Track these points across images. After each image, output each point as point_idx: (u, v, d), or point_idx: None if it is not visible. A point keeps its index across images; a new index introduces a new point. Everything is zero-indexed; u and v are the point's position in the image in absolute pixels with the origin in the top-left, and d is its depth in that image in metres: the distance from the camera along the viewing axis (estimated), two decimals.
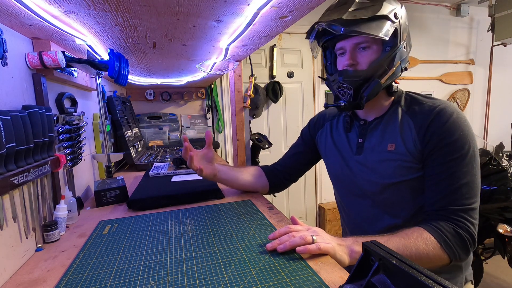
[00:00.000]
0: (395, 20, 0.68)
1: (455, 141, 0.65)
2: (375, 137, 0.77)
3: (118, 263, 0.58)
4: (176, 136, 2.24)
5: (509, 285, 2.31)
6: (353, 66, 0.71)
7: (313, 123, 0.98)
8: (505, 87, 3.28)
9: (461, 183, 0.64)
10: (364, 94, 0.70)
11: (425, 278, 0.32)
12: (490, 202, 1.83)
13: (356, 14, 0.66)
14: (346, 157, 0.82)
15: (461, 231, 0.63)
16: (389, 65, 0.70)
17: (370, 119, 0.80)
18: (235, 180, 0.95)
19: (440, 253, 0.62)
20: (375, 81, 0.69)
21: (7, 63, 0.64)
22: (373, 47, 0.70)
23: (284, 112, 2.70)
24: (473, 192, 0.65)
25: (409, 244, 0.60)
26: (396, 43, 0.69)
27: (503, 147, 2.68)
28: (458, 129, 0.65)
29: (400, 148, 0.71)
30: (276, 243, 0.59)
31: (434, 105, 0.70)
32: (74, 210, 0.81)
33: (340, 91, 0.73)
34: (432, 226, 0.64)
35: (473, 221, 0.64)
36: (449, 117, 0.66)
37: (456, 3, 2.94)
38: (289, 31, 2.54)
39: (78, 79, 1.01)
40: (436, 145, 0.66)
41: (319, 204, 2.84)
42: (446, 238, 0.62)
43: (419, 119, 0.70)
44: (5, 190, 0.54)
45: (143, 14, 0.66)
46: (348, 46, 0.72)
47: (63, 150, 0.86)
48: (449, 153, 0.65)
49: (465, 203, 0.64)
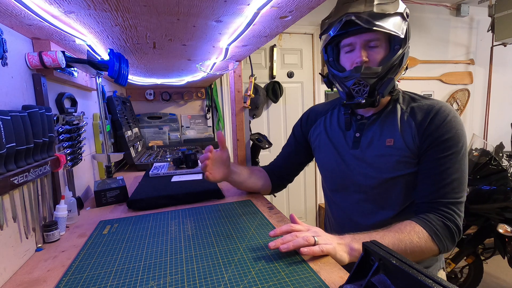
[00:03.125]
0: (407, 18, 0.69)
1: (451, 139, 0.69)
2: (372, 132, 0.77)
3: (118, 263, 0.58)
4: (176, 136, 2.24)
5: (509, 285, 2.31)
6: (365, 63, 0.71)
7: (305, 119, 0.97)
8: (505, 87, 3.28)
9: (453, 178, 0.68)
10: (380, 91, 0.71)
11: (425, 278, 0.32)
12: (490, 202, 1.83)
13: (384, 8, 0.67)
14: (342, 152, 0.82)
15: (449, 223, 0.67)
16: (400, 63, 0.71)
17: (367, 114, 0.80)
18: (243, 183, 0.94)
19: (431, 245, 0.65)
20: (390, 79, 0.71)
21: (7, 63, 0.64)
22: (382, 45, 0.71)
23: (284, 112, 2.70)
24: (462, 187, 0.69)
25: (403, 238, 0.63)
26: (406, 42, 0.70)
27: (503, 147, 2.68)
28: (453, 128, 0.69)
29: (399, 143, 0.73)
30: (279, 242, 0.59)
31: (433, 104, 0.73)
32: (74, 210, 0.81)
33: (355, 87, 0.73)
34: (423, 219, 0.67)
35: (460, 214, 0.68)
36: (447, 116, 0.70)
37: (456, 3, 2.94)
38: (289, 31, 2.54)
39: (78, 79, 1.01)
40: (434, 141, 0.69)
41: (319, 204, 2.84)
42: (437, 231, 0.65)
43: (419, 116, 0.72)
44: (5, 190, 0.54)
45: (143, 14, 0.66)
46: (358, 42, 0.71)
47: (63, 150, 0.86)
48: (444, 149, 0.69)
49: (455, 197, 0.68)
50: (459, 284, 2.07)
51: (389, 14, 0.67)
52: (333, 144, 0.85)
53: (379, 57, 0.71)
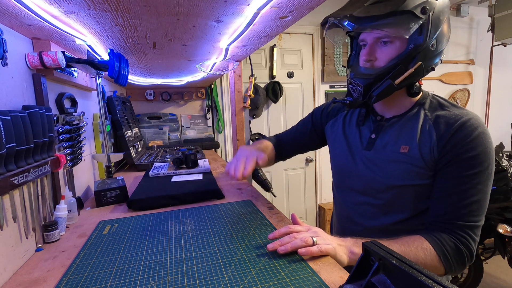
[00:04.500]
0: (422, 15, 0.62)
1: (475, 157, 0.62)
2: (389, 136, 0.73)
3: (118, 263, 0.58)
4: (176, 136, 2.24)
5: (509, 285, 2.31)
6: (371, 62, 0.69)
7: (327, 111, 0.95)
8: (505, 87, 3.28)
9: (473, 200, 0.63)
10: (373, 94, 0.68)
11: (425, 278, 0.32)
12: (490, 202, 1.83)
13: (370, 10, 0.63)
14: (354, 151, 0.80)
15: (462, 247, 0.62)
16: (407, 64, 0.65)
17: (387, 116, 0.76)
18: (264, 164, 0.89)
19: (437, 265, 0.62)
20: (387, 82, 0.66)
21: (7, 63, 0.64)
22: (395, 42, 0.66)
23: (284, 112, 2.70)
24: (482, 210, 0.64)
25: (408, 252, 0.60)
26: (421, 41, 0.64)
27: (503, 147, 2.68)
28: (480, 145, 0.62)
29: (414, 152, 0.68)
30: (277, 244, 0.59)
31: (461, 115, 0.66)
32: (74, 210, 0.81)
33: (351, 87, 0.72)
34: (434, 237, 0.63)
35: (475, 238, 0.64)
36: (474, 131, 0.63)
37: (456, 3, 2.94)
38: (289, 31, 2.54)
39: (78, 79, 1.01)
40: (455, 157, 0.63)
41: (319, 204, 2.84)
42: (446, 252, 0.62)
43: (442, 127, 0.66)
44: (5, 190, 0.54)
45: (143, 14, 0.66)
46: (369, 39, 0.68)
47: (63, 150, 0.86)
48: (466, 168, 0.63)
49: (472, 220, 0.63)
50: (459, 284, 2.07)
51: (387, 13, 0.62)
52: (347, 142, 0.83)
53: (387, 57, 0.67)
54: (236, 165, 0.75)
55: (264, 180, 1.38)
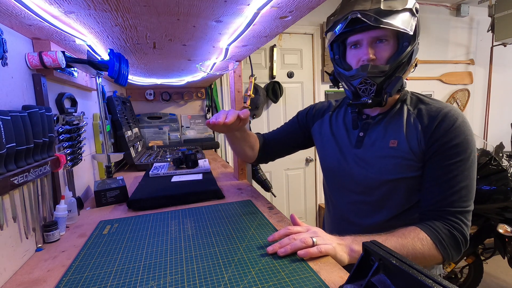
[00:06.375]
0: (416, 14, 0.67)
1: (459, 145, 0.66)
2: (376, 132, 0.76)
3: (118, 263, 0.58)
4: (176, 136, 2.24)
5: (509, 285, 2.31)
6: (373, 61, 0.69)
7: (313, 112, 0.95)
8: (505, 87, 3.28)
9: (461, 186, 0.66)
10: (387, 91, 0.69)
11: (425, 278, 0.32)
12: (490, 202, 1.83)
13: (391, 4, 0.64)
14: (344, 150, 0.81)
15: (456, 233, 0.65)
16: (408, 60, 0.69)
17: (373, 114, 0.79)
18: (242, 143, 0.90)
19: (435, 253, 0.63)
20: (398, 77, 0.68)
21: (7, 63, 0.64)
22: (391, 41, 0.68)
23: (284, 112, 2.70)
24: (470, 195, 0.67)
25: (406, 244, 0.62)
26: (415, 38, 0.68)
27: (503, 147, 2.67)
28: (462, 134, 0.66)
29: (402, 145, 0.71)
30: (277, 246, 0.59)
31: (441, 107, 0.70)
32: (74, 210, 0.81)
33: (362, 86, 0.70)
34: (428, 226, 0.65)
35: (467, 223, 0.66)
36: (455, 121, 0.67)
37: (456, 3, 2.94)
38: (289, 31, 2.54)
39: (78, 79, 1.01)
40: (441, 147, 0.67)
41: (319, 204, 2.84)
42: (442, 239, 0.63)
43: (426, 119, 0.70)
44: (5, 190, 0.54)
45: (143, 14, 0.66)
46: (365, 39, 0.69)
47: (63, 150, 0.86)
48: (452, 156, 0.66)
49: (463, 206, 0.66)
50: (459, 284, 2.07)
51: (397, 10, 0.64)
52: (337, 142, 0.84)
53: (387, 55, 0.68)
54: (218, 115, 0.71)
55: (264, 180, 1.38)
